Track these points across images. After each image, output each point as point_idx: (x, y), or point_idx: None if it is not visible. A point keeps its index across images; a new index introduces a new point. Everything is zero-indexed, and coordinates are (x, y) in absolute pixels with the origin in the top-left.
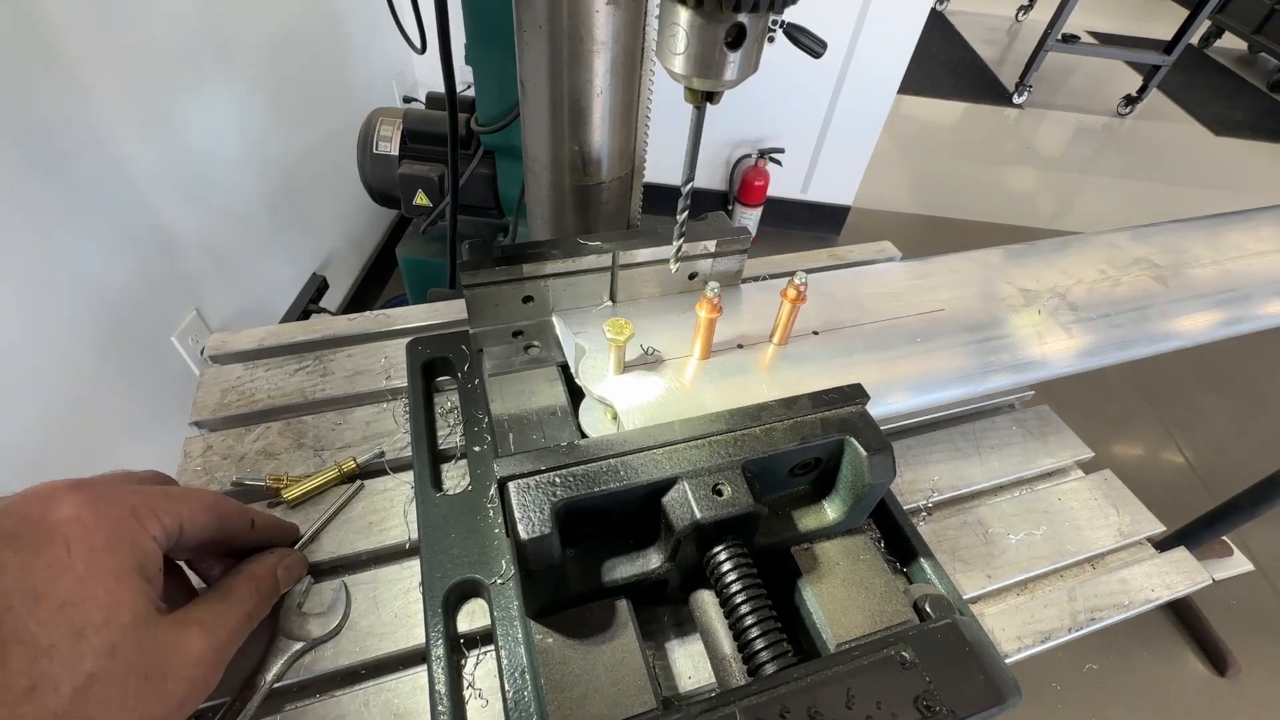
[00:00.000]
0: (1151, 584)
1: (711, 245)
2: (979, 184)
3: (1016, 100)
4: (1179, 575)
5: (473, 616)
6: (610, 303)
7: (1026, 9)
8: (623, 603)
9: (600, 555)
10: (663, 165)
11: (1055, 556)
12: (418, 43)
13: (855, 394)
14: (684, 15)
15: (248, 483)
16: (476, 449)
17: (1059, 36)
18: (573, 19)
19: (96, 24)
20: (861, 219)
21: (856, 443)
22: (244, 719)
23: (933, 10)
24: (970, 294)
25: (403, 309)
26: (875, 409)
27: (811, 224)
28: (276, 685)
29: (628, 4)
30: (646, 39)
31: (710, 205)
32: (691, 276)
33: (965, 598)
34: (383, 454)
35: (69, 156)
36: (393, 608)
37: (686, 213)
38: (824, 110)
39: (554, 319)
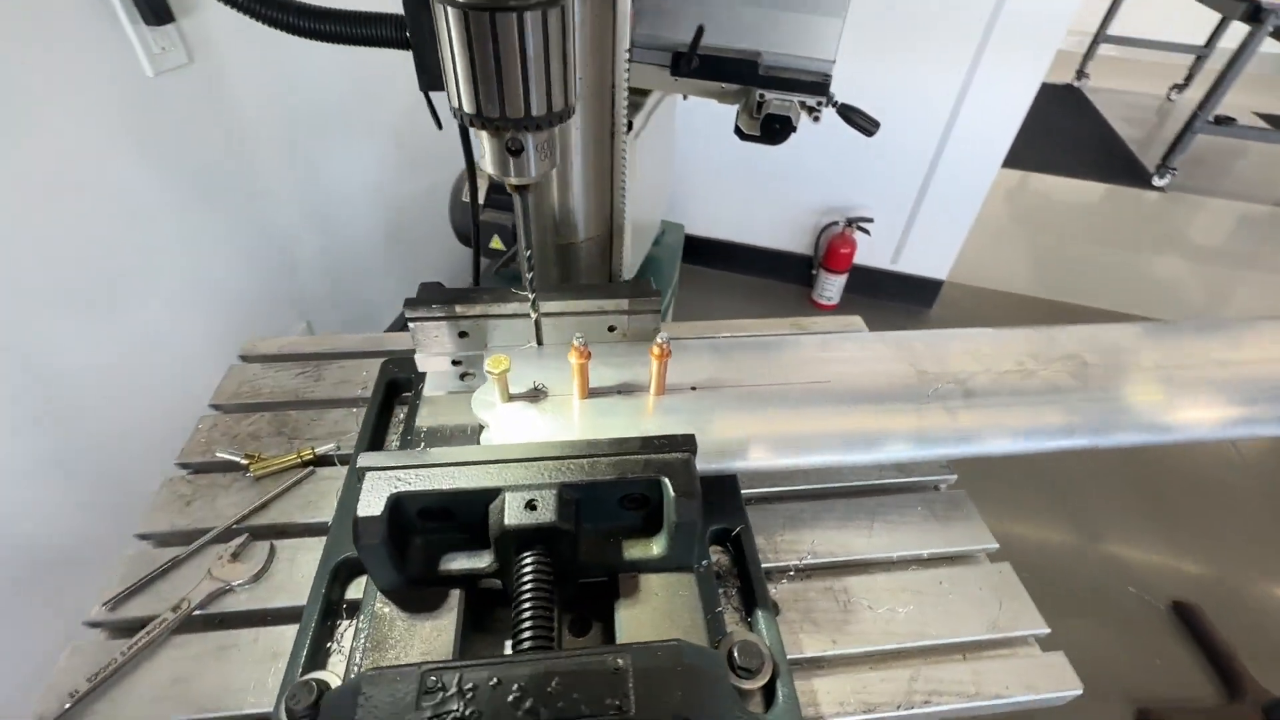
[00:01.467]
0: (1008, 681)
1: (625, 304)
2: (1107, 269)
3: (1157, 183)
4: (1046, 680)
5: (360, 587)
6: (536, 345)
7: (1181, 87)
8: (456, 592)
9: (444, 548)
10: (724, 220)
11: (911, 636)
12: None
13: (685, 443)
14: (482, 134)
15: (227, 457)
16: (420, 448)
17: (1210, 118)
18: None
19: (269, 94)
20: (959, 295)
21: (669, 484)
22: (165, 631)
23: (1069, 86)
24: (866, 370)
25: (403, 333)
26: (731, 464)
27: (900, 295)
28: (196, 612)
29: (592, 96)
30: (616, 124)
31: (794, 269)
32: (611, 329)
33: (801, 656)
34: (338, 448)
35: (224, 193)
36: (305, 571)
37: (533, 273)
38: (919, 181)
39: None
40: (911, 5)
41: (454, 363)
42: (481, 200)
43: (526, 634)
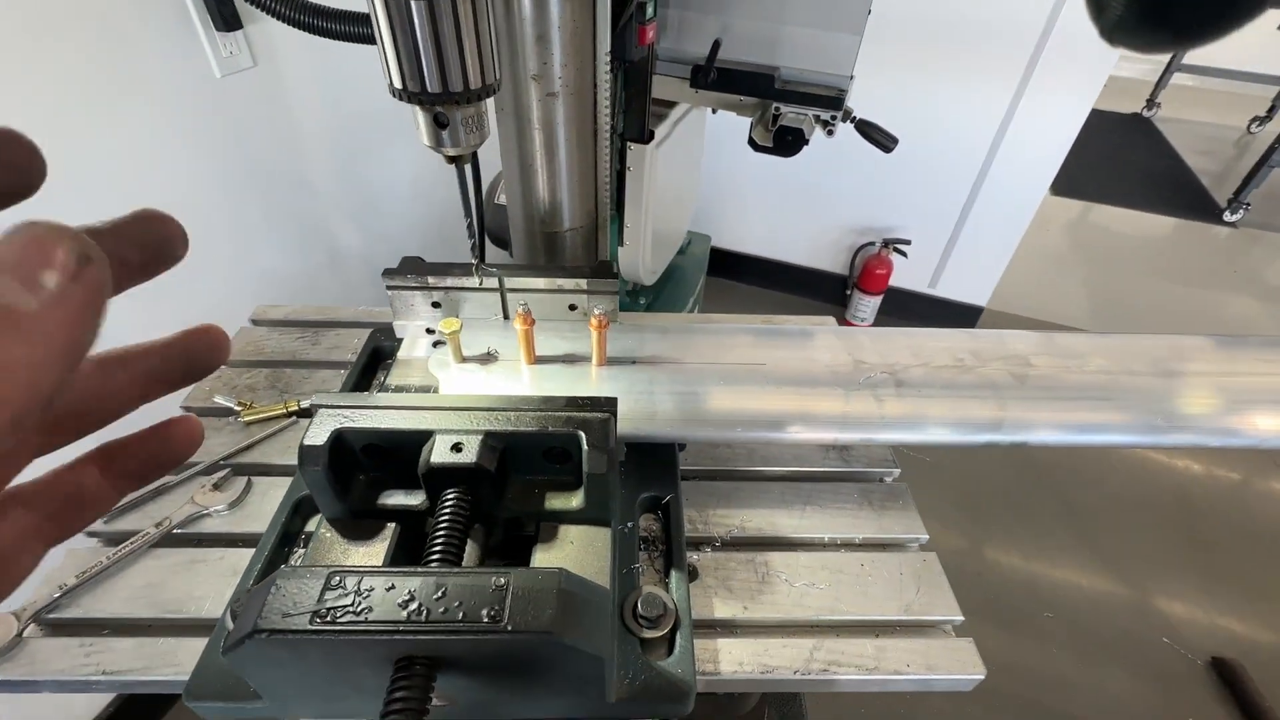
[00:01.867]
0: (909, 660)
1: (584, 283)
2: (1165, 304)
3: (1228, 218)
4: (950, 662)
5: (317, 523)
6: (504, 318)
7: (1262, 120)
8: (392, 525)
9: (385, 485)
10: (755, 235)
11: (822, 611)
12: None
13: (607, 404)
14: (415, 108)
15: (223, 403)
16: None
17: None
18: (519, 106)
19: (323, 98)
20: (999, 323)
21: (584, 437)
22: (146, 543)
23: (1137, 115)
24: (805, 357)
25: None
26: (657, 430)
27: (936, 320)
28: (176, 530)
29: (572, 95)
30: (599, 120)
31: (830, 286)
32: (571, 308)
33: (712, 617)
34: None
35: (274, 188)
36: (275, 504)
37: (474, 240)
38: (961, 204)
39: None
40: (960, 24)
41: (428, 330)
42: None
43: (435, 554)
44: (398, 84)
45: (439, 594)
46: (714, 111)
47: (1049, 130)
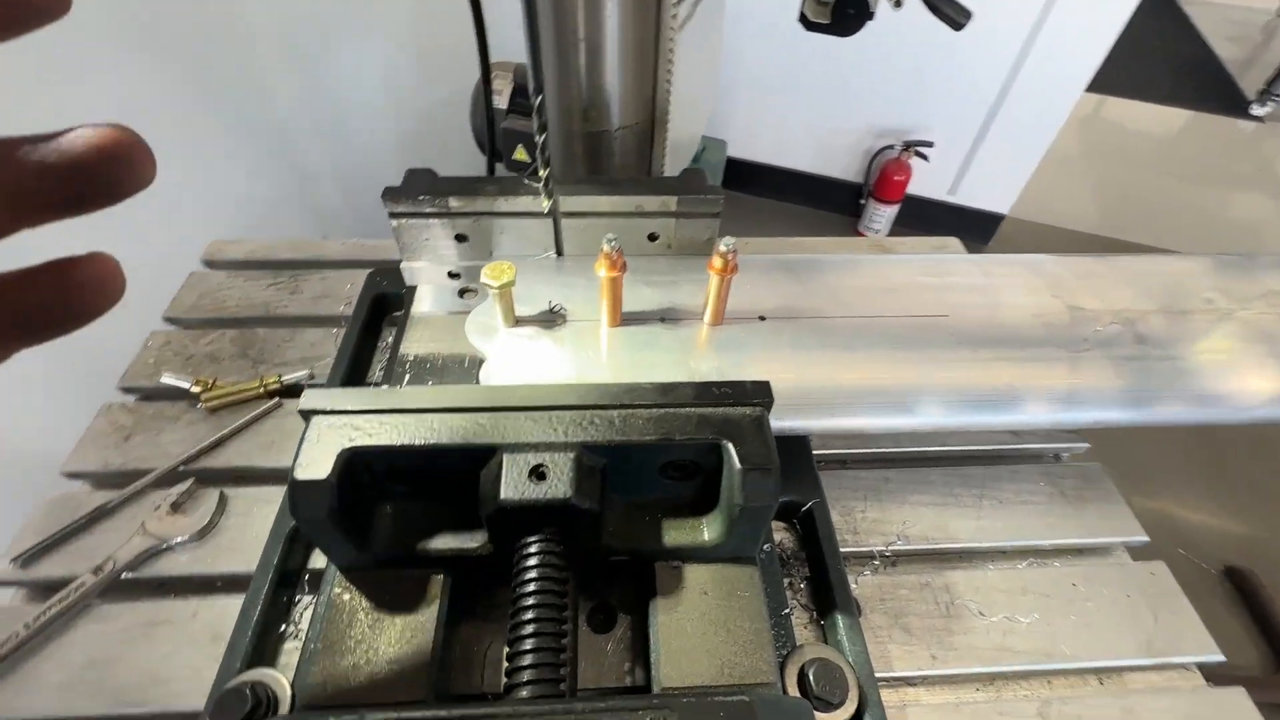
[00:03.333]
0: None
1: (672, 203)
2: (1189, 207)
3: (1256, 111)
4: None
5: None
6: (555, 255)
7: None
8: (439, 577)
9: (425, 519)
10: (764, 141)
11: (1037, 656)
12: None
13: (757, 393)
14: None
15: (174, 383)
16: (385, 386)
17: None
18: None
19: None
20: (1018, 231)
21: (733, 450)
22: (83, 598)
23: None
24: (993, 302)
25: None
26: (813, 421)
27: (954, 229)
28: (125, 575)
29: None
30: None
31: (841, 196)
32: (652, 238)
33: (891, 675)
34: (312, 376)
35: (226, 94)
36: (262, 528)
37: (545, 135)
38: (989, 104)
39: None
40: None
41: (451, 275)
42: (505, 105)
43: (526, 673)
44: None
45: None
46: None
47: (1091, 21)
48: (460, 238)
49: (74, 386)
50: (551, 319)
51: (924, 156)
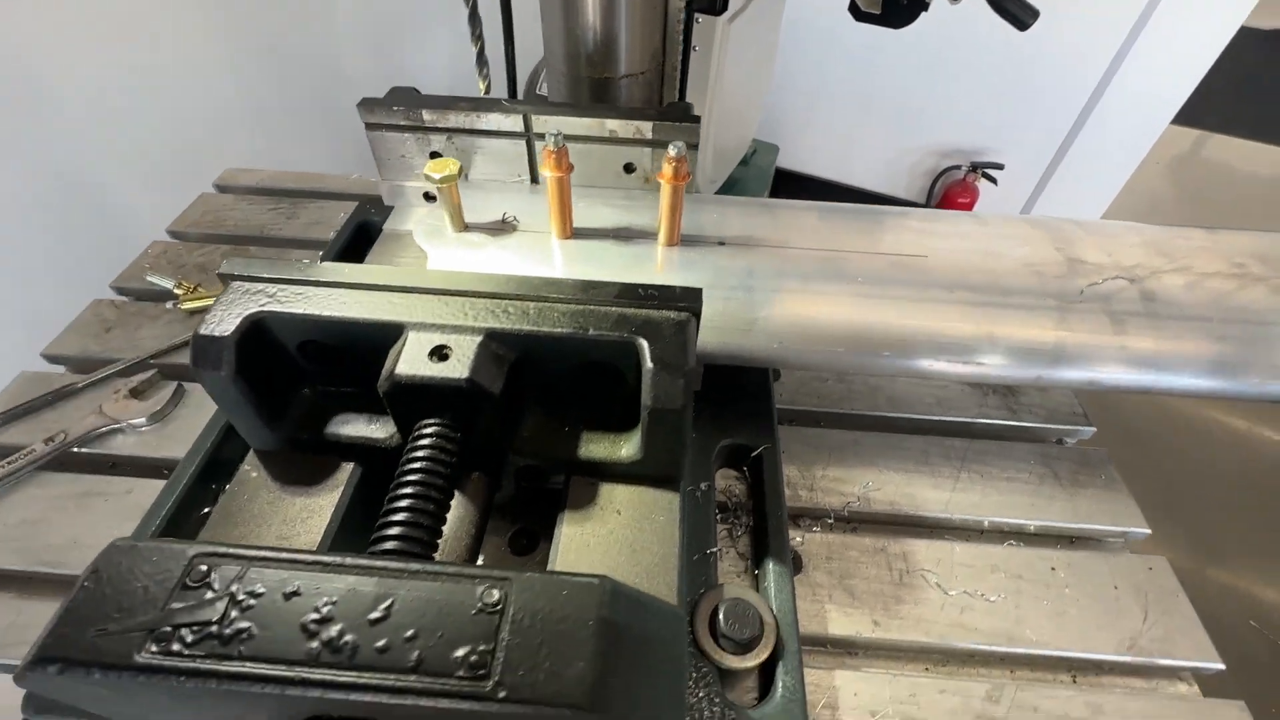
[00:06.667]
0: None
1: (648, 129)
2: None
3: None
4: None
5: None
6: (530, 181)
7: None
8: (350, 466)
9: (340, 408)
10: (823, 153)
11: (996, 637)
12: None
13: (686, 298)
14: None
15: (157, 282)
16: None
17: None
18: None
19: None
20: None
21: (646, 348)
22: (29, 464)
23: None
24: (978, 248)
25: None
26: (759, 347)
27: None
28: (76, 449)
29: None
30: None
31: None
32: (629, 169)
33: (824, 635)
34: None
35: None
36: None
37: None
38: (1067, 127)
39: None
40: None
41: (426, 197)
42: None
43: (390, 532)
44: None
45: (378, 613)
46: None
47: (1183, 48)
48: (434, 155)
49: (74, 282)
50: (502, 228)
51: (993, 180)
